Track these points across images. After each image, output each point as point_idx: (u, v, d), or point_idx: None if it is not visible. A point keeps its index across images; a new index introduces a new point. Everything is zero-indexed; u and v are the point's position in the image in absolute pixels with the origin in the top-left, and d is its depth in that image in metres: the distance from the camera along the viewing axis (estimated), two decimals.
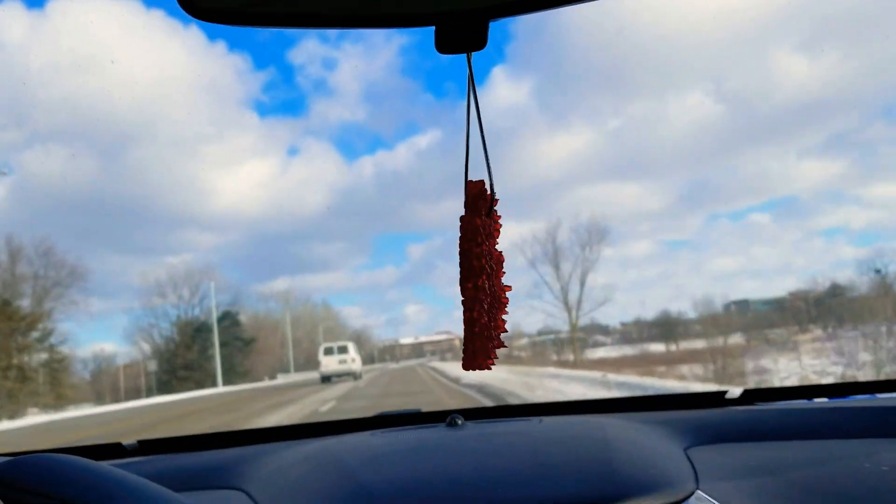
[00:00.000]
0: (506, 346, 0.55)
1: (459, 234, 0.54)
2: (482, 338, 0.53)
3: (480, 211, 0.54)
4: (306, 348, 55.14)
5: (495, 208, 0.54)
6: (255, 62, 59.44)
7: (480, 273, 0.53)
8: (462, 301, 0.54)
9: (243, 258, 58.52)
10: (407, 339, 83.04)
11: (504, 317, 0.54)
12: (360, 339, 53.82)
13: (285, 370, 48.69)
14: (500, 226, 0.55)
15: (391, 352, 75.87)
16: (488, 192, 0.54)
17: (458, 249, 0.54)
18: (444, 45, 0.54)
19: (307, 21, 0.54)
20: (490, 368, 0.54)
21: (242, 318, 46.70)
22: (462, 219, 0.54)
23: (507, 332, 0.54)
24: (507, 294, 0.55)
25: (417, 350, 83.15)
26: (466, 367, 0.54)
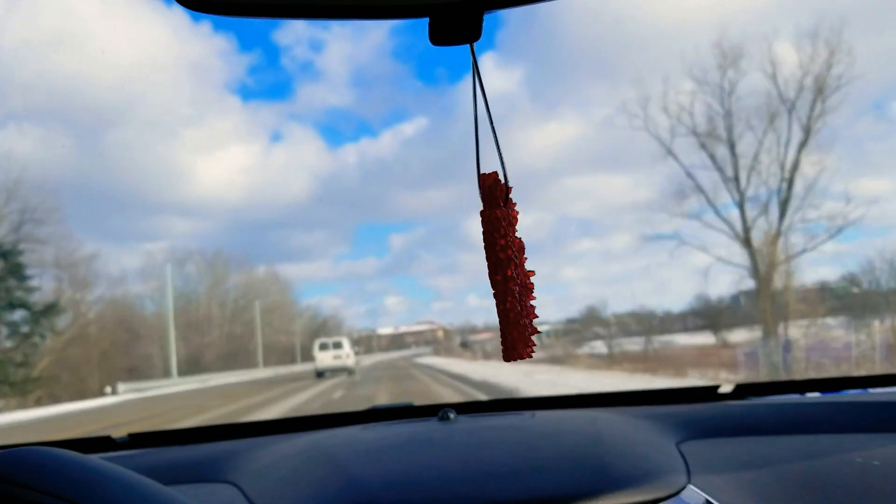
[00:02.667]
0: (539, 332, 0.55)
1: (482, 229, 0.54)
2: (518, 327, 0.54)
3: (498, 201, 0.54)
4: (240, 335, 38.73)
5: (510, 196, 0.54)
6: (240, 44, 59.10)
7: (508, 264, 0.54)
8: (493, 294, 0.55)
9: (222, 246, 57.85)
10: (385, 330, 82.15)
11: (532, 302, 0.55)
12: (328, 328, 49.52)
13: (168, 373, 31.15)
14: (518, 213, 0.55)
15: (367, 343, 72.50)
16: (502, 181, 0.54)
17: (483, 244, 0.55)
18: (439, 36, 0.54)
19: (300, 12, 0.54)
20: (531, 356, 0.54)
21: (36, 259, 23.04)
22: (482, 213, 0.54)
23: (538, 317, 0.55)
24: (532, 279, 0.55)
25: (397, 341, 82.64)
26: (507, 358, 0.55)
